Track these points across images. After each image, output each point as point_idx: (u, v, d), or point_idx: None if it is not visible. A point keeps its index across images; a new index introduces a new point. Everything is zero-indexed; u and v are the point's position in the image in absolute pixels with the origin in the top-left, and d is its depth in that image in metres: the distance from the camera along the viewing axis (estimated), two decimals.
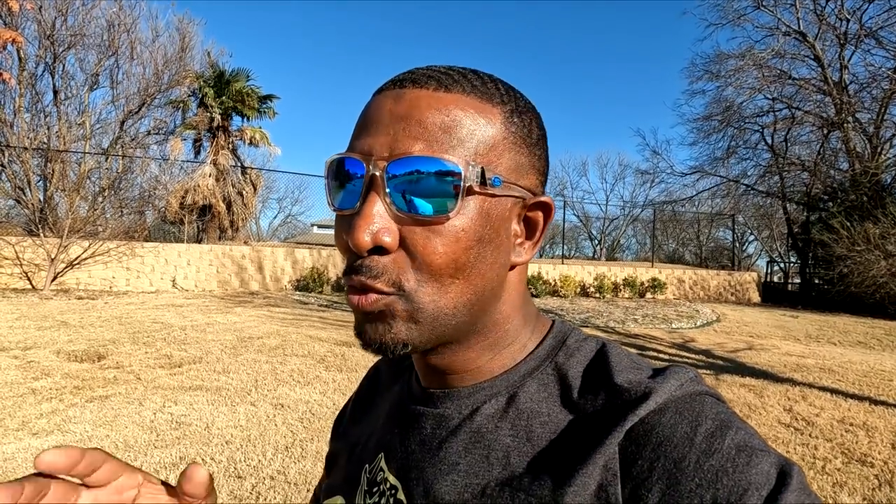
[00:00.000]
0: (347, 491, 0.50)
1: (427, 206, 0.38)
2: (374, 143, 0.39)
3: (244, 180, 16.68)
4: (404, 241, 0.38)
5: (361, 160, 0.39)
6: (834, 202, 15.91)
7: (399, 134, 0.38)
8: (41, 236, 10.64)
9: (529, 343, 0.46)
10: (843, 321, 11.33)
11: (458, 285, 0.39)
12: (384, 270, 0.38)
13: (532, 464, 0.38)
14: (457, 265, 0.39)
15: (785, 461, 0.33)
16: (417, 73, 0.41)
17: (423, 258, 0.38)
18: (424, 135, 0.38)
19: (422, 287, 0.38)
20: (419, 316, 0.39)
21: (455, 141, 0.38)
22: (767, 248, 27.70)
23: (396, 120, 0.39)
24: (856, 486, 2.90)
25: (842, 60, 16.62)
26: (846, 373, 5.77)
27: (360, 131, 0.41)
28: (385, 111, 0.40)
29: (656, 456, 0.34)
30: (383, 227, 0.38)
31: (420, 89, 0.40)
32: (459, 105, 0.39)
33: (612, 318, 10.07)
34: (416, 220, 0.38)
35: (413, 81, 0.40)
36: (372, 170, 0.38)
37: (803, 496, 0.31)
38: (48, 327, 6.53)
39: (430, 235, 0.38)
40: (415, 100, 0.39)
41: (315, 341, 6.26)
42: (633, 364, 0.42)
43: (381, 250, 0.38)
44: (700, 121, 20.03)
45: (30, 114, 15.18)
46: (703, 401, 0.37)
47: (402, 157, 0.37)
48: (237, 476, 2.80)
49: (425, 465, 0.43)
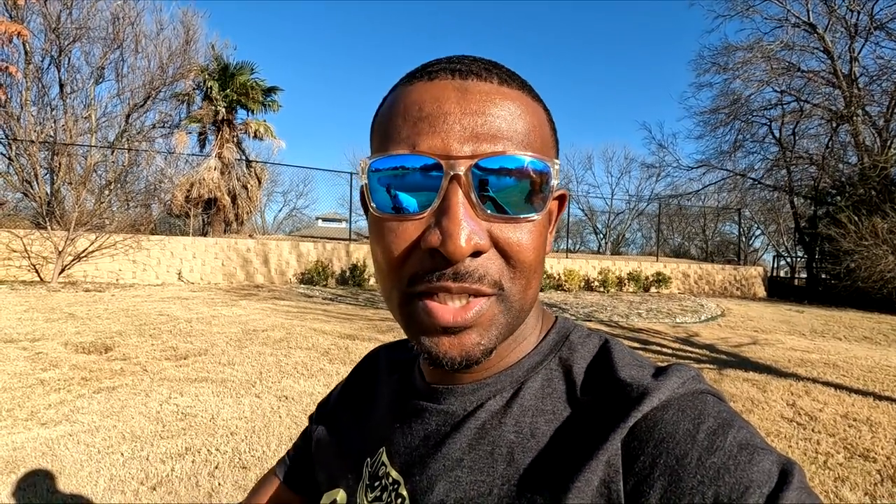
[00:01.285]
0: (348, 484, 0.49)
1: (517, 205, 0.37)
2: (449, 141, 0.36)
3: (249, 173, 16.72)
4: (495, 240, 0.37)
5: (437, 159, 0.36)
6: (842, 196, 15.76)
7: (478, 130, 0.37)
8: (49, 229, 10.72)
9: (535, 337, 0.46)
10: (850, 316, 11.26)
11: (536, 278, 0.40)
12: (486, 272, 0.37)
13: (536, 460, 0.38)
14: (539, 259, 0.39)
15: (786, 460, 0.33)
16: (470, 64, 0.40)
17: (518, 256, 0.38)
18: (505, 132, 0.37)
19: (514, 284, 0.38)
20: (510, 315, 0.39)
21: (532, 138, 0.38)
22: (774, 242, 27.52)
23: (469, 115, 0.37)
24: (858, 481, 2.90)
25: (852, 53, 16.40)
26: (851, 368, 5.74)
27: (420, 126, 0.37)
28: (452, 104, 0.37)
29: (658, 452, 0.34)
30: (476, 229, 0.36)
31: (485, 83, 0.38)
32: (523, 102, 0.39)
33: (616, 313, 10.06)
34: (506, 220, 0.37)
35: (475, 74, 0.39)
36: (453, 169, 0.36)
37: (804, 495, 0.31)
38: (56, 319, 6.61)
39: (519, 233, 0.38)
40: (485, 94, 0.38)
41: (319, 334, 6.29)
42: (635, 361, 0.42)
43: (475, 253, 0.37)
44: (707, 114, 19.88)
45: (36, 107, 15.28)
46: (705, 399, 0.37)
47: (489, 156, 0.36)
48: (242, 467, 2.83)
49: (429, 460, 0.43)
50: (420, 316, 0.37)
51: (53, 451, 2.91)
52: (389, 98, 0.42)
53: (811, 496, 0.31)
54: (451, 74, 0.39)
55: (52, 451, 2.91)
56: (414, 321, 0.38)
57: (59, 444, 3.00)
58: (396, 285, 0.39)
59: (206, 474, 2.72)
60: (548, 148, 0.41)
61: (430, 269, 0.36)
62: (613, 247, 31.67)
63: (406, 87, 0.40)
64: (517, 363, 0.44)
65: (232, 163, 16.12)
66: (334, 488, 0.51)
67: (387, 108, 0.41)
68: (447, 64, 0.40)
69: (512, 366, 0.44)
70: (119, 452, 2.93)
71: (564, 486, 0.35)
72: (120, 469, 2.74)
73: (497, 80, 0.39)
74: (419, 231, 0.37)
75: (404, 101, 0.39)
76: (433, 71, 0.40)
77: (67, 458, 2.84)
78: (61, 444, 3.00)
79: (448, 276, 0.36)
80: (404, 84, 0.41)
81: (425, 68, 0.41)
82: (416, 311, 0.38)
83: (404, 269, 0.38)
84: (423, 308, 0.37)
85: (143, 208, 14.85)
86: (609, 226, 33.18)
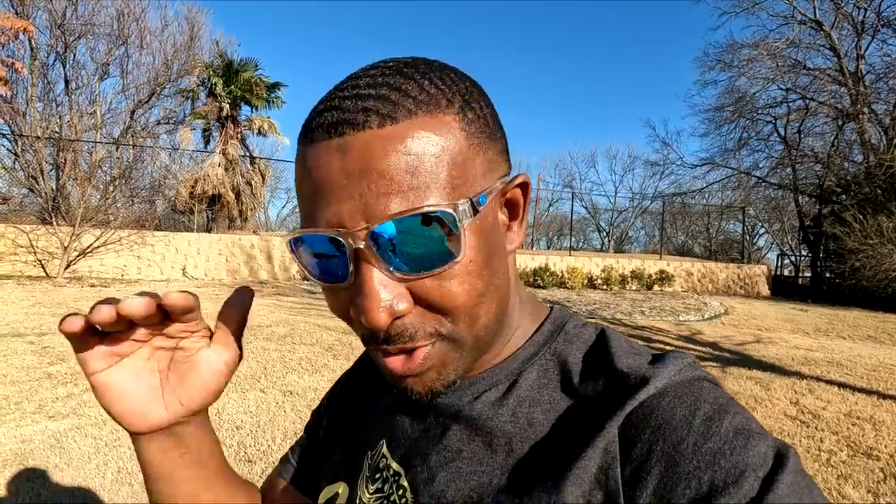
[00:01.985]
0: (349, 477, 0.50)
1: (430, 259, 0.35)
2: (340, 213, 0.35)
3: (253, 170, 16.77)
4: (418, 297, 0.36)
5: (335, 234, 0.35)
6: (847, 195, 15.69)
7: (365, 195, 0.34)
8: (54, 225, 10.79)
9: (528, 328, 0.46)
10: (854, 315, 11.22)
11: (485, 305, 0.38)
12: (416, 328, 0.37)
13: (534, 450, 0.39)
14: (478, 293, 0.37)
15: (781, 444, 0.33)
16: (346, 107, 0.35)
17: (447, 305, 0.37)
18: (393, 187, 0.34)
19: (457, 324, 0.38)
20: (463, 350, 0.39)
21: (428, 179, 0.34)
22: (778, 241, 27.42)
23: (354, 179, 0.34)
24: (861, 478, 2.91)
25: (858, 50, 16.30)
26: (855, 367, 5.73)
27: (314, 198, 0.36)
28: (335, 171, 0.35)
29: (655, 439, 0.34)
30: (393, 296, 0.35)
31: (363, 131, 0.34)
32: (413, 134, 0.35)
33: (619, 310, 10.06)
34: (422, 277, 0.36)
35: (350, 124, 0.35)
36: (354, 243, 0.35)
37: (799, 478, 0.31)
38: (63, 314, 6.64)
39: (442, 283, 0.36)
40: (364, 148, 0.34)
41: (323, 330, 6.32)
42: (631, 350, 0.42)
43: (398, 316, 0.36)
44: (711, 111, 19.82)
45: (42, 103, 15.37)
46: (701, 385, 0.37)
47: (381, 222, 0.34)
48: (247, 460, 2.86)
49: (429, 452, 0.43)
50: (380, 364, 0.39)
51: (61, 444, 2.95)
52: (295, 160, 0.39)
53: (806, 479, 0.32)
54: (328, 132, 0.35)
55: (60, 444, 2.95)
56: (379, 366, 0.40)
57: (67, 437, 3.03)
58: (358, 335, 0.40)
59: None
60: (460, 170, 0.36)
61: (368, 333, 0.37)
62: (616, 245, 31.64)
63: (299, 150, 0.38)
64: (512, 355, 0.44)
65: (236, 159, 16.17)
66: (336, 481, 0.51)
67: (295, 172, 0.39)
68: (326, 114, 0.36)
69: (507, 358, 0.44)
70: (126, 446, 2.96)
71: (562, 473, 0.35)
72: (127, 462, 2.77)
73: (377, 122, 0.34)
74: (347, 302, 0.37)
75: (299, 168, 0.38)
76: (312, 129, 0.37)
77: (75, 451, 2.87)
78: (69, 437, 3.03)
79: (382, 340, 0.37)
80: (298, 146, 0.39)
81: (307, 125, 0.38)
82: (377, 357, 0.39)
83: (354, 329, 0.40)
84: (380, 359, 0.39)
85: (148, 204, 14.92)
86: (612, 224, 33.13)
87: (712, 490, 0.31)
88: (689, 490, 0.31)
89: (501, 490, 0.38)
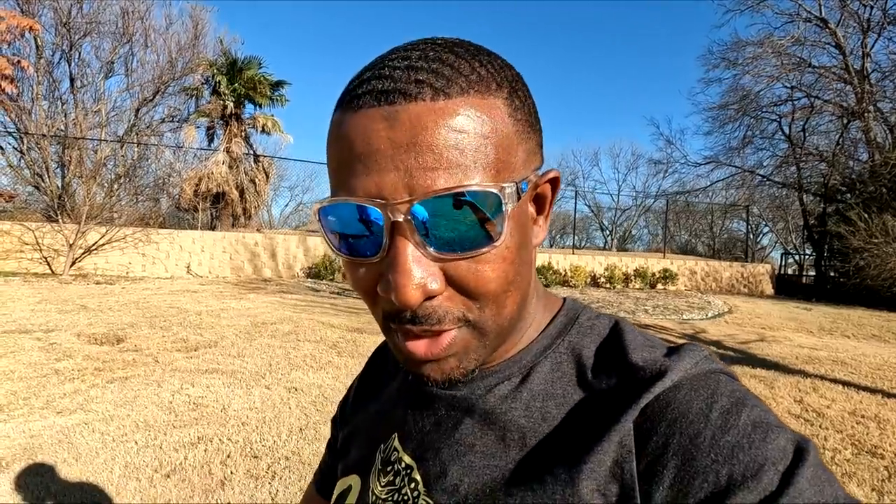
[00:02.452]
0: (362, 470, 0.50)
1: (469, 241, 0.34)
2: (383, 183, 0.33)
3: (257, 168, 16.80)
4: (451, 278, 0.35)
5: (374, 206, 0.34)
6: (852, 193, 15.60)
7: (411, 167, 0.33)
8: (60, 222, 10.85)
9: (542, 321, 0.46)
10: (858, 314, 11.18)
11: (511, 294, 0.38)
12: (445, 311, 0.36)
13: (548, 443, 0.38)
14: (508, 281, 0.37)
15: (801, 437, 0.33)
16: (397, 77, 0.34)
17: (479, 290, 0.36)
18: (441, 162, 0.33)
19: (483, 311, 0.37)
20: (487, 339, 0.38)
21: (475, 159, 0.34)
22: (782, 239, 27.32)
23: (401, 150, 0.33)
24: (865, 476, 2.91)
25: (864, 48, 16.20)
26: (859, 365, 5.72)
27: (353, 166, 0.34)
28: (381, 140, 0.33)
29: (671, 432, 0.34)
30: (427, 274, 0.34)
31: (415, 103, 0.33)
32: (464, 112, 0.34)
33: (622, 309, 10.05)
34: (459, 258, 0.35)
35: (402, 93, 0.34)
36: (393, 216, 0.33)
37: (819, 471, 0.31)
38: (69, 311, 6.70)
39: (477, 267, 0.35)
40: (415, 119, 0.33)
41: (327, 327, 6.35)
42: (647, 342, 0.41)
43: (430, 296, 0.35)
44: (716, 110, 19.70)
45: (47, 101, 15.43)
46: (717, 378, 0.37)
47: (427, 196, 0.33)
48: (253, 456, 2.88)
49: (441, 445, 0.43)
50: (399, 346, 0.38)
51: (69, 439, 2.97)
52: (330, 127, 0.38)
53: (826, 472, 0.31)
54: (377, 100, 0.34)
55: (67, 439, 2.97)
56: (396, 349, 0.39)
57: (75, 432, 3.06)
58: (378, 314, 0.39)
59: (219, 463, 2.77)
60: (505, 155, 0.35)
61: (395, 310, 0.36)
62: (620, 243, 31.57)
63: (339, 115, 0.37)
64: (525, 348, 0.44)
65: (240, 157, 16.20)
66: (348, 475, 0.52)
67: (329, 139, 0.38)
68: (375, 82, 0.35)
69: (520, 351, 0.44)
70: (133, 441, 2.98)
71: (577, 467, 0.35)
72: (134, 457, 2.79)
73: (430, 95, 0.33)
74: (375, 275, 0.36)
75: (337, 135, 0.36)
76: (359, 95, 0.35)
77: (83, 446, 2.90)
78: (77, 432, 3.06)
79: (408, 319, 0.36)
80: (337, 111, 0.37)
81: (352, 91, 0.36)
82: (396, 340, 0.38)
83: (376, 307, 0.38)
84: (401, 341, 0.37)
85: (153, 202, 14.99)
86: (615, 222, 33.06)
87: (731, 484, 0.30)
88: (707, 484, 0.31)
89: (514, 484, 0.38)
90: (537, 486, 0.36)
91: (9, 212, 12.92)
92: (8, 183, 14.10)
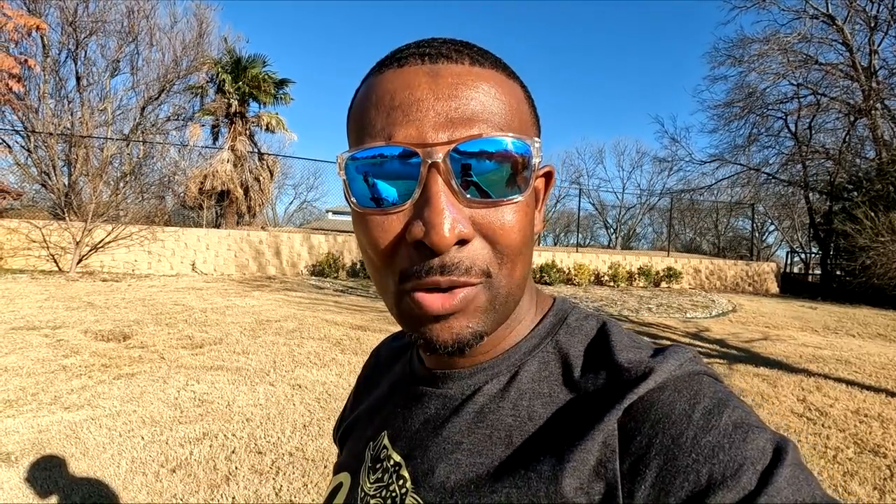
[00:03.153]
0: (353, 468, 0.51)
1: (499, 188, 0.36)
2: (423, 128, 0.36)
3: (261, 166, 16.85)
4: (479, 227, 0.37)
5: (414, 148, 0.35)
6: (858, 192, 15.48)
7: (451, 114, 0.36)
8: (66, 220, 10.93)
9: (532, 319, 0.46)
10: (864, 313, 11.11)
11: (522, 260, 0.39)
12: (473, 262, 0.36)
13: (533, 442, 0.39)
14: (525, 241, 0.38)
15: (780, 437, 0.33)
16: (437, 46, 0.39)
17: (503, 240, 0.37)
18: (478, 114, 0.36)
19: (501, 270, 0.38)
20: (497, 301, 0.38)
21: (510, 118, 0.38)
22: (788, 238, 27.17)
23: (442, 99, 0.36)
24: (867, 475, 2.91)
25: (871, 45, 16.06)
26: (863, 364, 5.70)
27: (393, 115, 0.37)
28: (424, 90, 0.36)
29: (655, 432, 0.34)
30: (459, 216, 0.35)
31: (456, 65, 0.37)
32: (498, 81, 0.38)
33: (625, 307, 10.04)
34: (488, 204, 0.36)
35: (445, 56, 0.38)
36: (431, 157, 0.35)
37: (798, 471, 0.31)
38: (75, 308, 6.76)
39: (503, 216, 0.37)
40: (457, 77, 0.37)
41: (331, 325, 6.38)
42: (633, 343, 0.42)
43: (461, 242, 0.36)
44: (721, 107, 19.61)
45: (54, 100, 15.51)
46: (701, 380, 0.38)
47: (465, 141, 0.35)
48: (258, 452, 2.91)
49: (429, 443, 0.43)
50: (413, 309, 0.38)
51: (77, 434, 3.02)
52: (362, 89, 0.41)
53: (804, 472, 0.31)
54: (421, 59, 0.38)
55: (75, 434, 3.02)
56: (407, 314, 0.39)
57: (83, 428, 3.10)
58: (389, 282, 0.39)
59: (224, 458, 2.81)
60: (527, 126, 0.40)
61: (418, 262, 0.36)
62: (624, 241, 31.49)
63: (377, 76, 0.39)
64: (514, 346, 0.44)
65: (244, 155, 16.26)
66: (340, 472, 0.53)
67: (360, 99, 0.40)
68: (416, 49, 0.39)
69: (508, 349, 0.44)
70: (139, 436, 3.02)
71: (561, 465, 0.35)
72: (141, 452, 2.83)
73: (469, 61, 0.38)
74: (402, 223, 0.37)
75: (376, 91, 0.38)
76: (402, 57, 0.38)
77: (90, 441, 2.94)
78: (84, 428, 3.10)
79: (436, 269, 0.36)
80: (375, 73, 0.40)
81: (394, 55, 0.39)
82: (408, 305, 0.38)
83: (394, 265, 0.38)
84: (415, 301, 0.37)
85: (158, 200, 15.08)
86: (620, 220, 32.97)
87: (711, 483, 0.31)
88: (688, 483, 0.31)
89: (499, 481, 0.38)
90: (521, 483, 0.37)
91: (17, 210, 13.04)
92: (15, 181, 14.23)
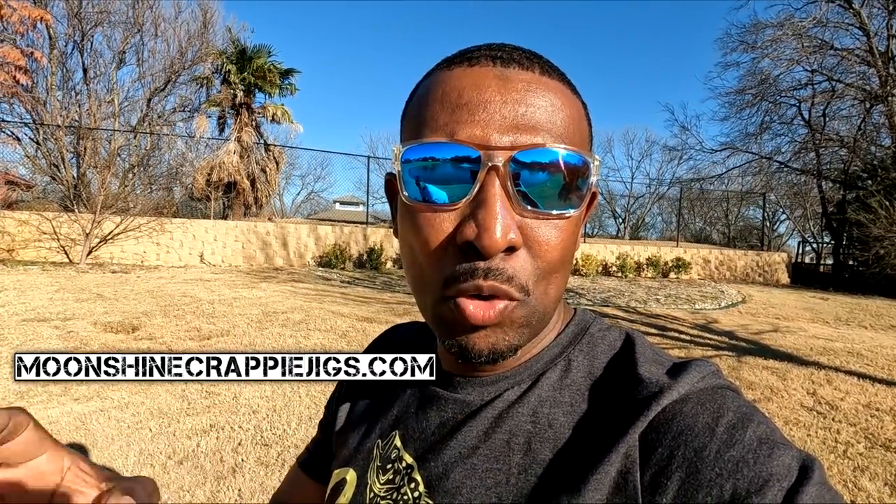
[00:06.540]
0: (358, 464, 0.50)
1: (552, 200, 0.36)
2: (488, 130, 0.35)
3: (267, 157, 16.86)
4: (526, 238, 0.36)
5: (476, 148, 0.35)
6: (873, 180, 15.20)
7: (518, 122, 0.35)
8: (76, 212, 11.02)
9: (553, 329, 0.46)
10: (877, 304, 10.96)
11: (558, 279, 0.38)
12: (515, 273, 0.36)
13: (553, 451, 0.38)
14: (565, 259, 0.38)
15: (807, 455, 0.33)
16: (509, 50, 0.39)
17: (546, 255, 0.36)
18: (545, 123, 0.36)
19: (538, 287, 0.37)
20: (534, 317, 0.38)
21: (571, 131, 0.37)
22: (800, 227, 26.79)
23: (510, 104, 0.36)
24: (878, 471, 2.87)
25: (889, 29, 15.65)
26: (876, 357, 5.62)
27: (458, 114, 0.36)
28: (493, 92, 0.36)
29: (677, 444, 0.34)
30: (511, 224, 0.35)
31: (527, 72, 0.37)
32: (563, 94, 0.38)
33: (633, 298, 9.97)
34: (540, 216, 0.36)
35: (517, 62, 0.38)
36: (492, 160, 0.35)
37: (824, 490, 0.30)
38: (85, 299, 6.83)
39: (551, 231, 0.36)
40: (527, 83, 0.37)
41: (337, 317, 6.39)
42: (656, 357, 0.42)
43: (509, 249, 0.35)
44: (733, 94, 19.26)
45: (61, 92, 15.59)
46: (724, 394, 0.37)
47: (528, 149, 0.35)
48: (264, 444, 2.93)
49: (444, 447, 0.43)
50: (453, 315, 0.37)
51: (86, 426, 3.05)
52: (426, 83, 0.40)
53: (831, 492, 0.31)
54: (493, 61, 0.38)
55: (84, 426, 3.05)
56: (446, 320, 0.38)
57: (92, 419, 3.14)
58: (431, 285, 0.38)
59: (230, 450, 2.83)
60: (584, 143, 0.40)
61: (464, 266, 0.35)
62: (633, 231, 31.25)
63: (445, 72, 0.39)
64: (536, 356, 0.44)
65: (251, 146, 16.27)
66: (344, 467, 0.51)
67: (423, 93, 0.40)
68: (488, 51, 0.39)
69: (531, 358, 0.44)
70: (147, 428, 3.05)
71: (582, 477, 0.35)
72: (149, 444, 2.86)
73: (539, 70, 0.38)
74: (454, 224, 0.36)
75: (443, 86, 0.38)
76: (474, 57, 0.38)
77: (99, 432, 2.97)
78: (93, 419, 3.14)
79: (480, 273, 0.35)
80: (442, 69, 0.40)
81: (465, 54, 0.39)
82: (449, 310, 0.37)
83: (440, 268, 0.37)
84: (458, 307, 0.36)
85: (166, 191, 15.14)
86: (628, 210, 32.68)
87: (735, 498, 0.30)
88: (711, 497, 0.31)
89: (518, 489, 0.37)
90: (541, 493, 0.36)
91: (27, 202, 13.17)
92: (25, 173, 14.35)
